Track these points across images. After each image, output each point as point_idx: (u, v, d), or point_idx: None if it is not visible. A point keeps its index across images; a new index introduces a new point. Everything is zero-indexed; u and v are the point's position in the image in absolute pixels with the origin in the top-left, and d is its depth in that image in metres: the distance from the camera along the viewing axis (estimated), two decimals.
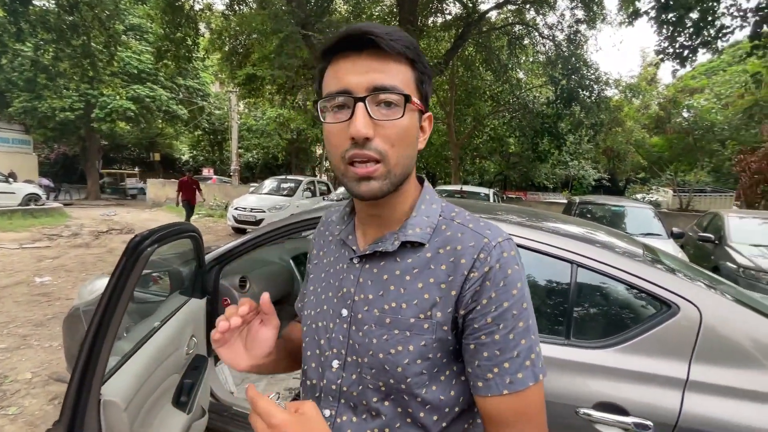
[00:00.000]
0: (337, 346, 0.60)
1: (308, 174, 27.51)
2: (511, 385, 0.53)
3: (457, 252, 0.56)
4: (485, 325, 0.53)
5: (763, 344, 1.19)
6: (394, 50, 0.52)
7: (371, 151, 0.52)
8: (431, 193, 0.64)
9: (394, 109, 0.53)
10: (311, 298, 0.68)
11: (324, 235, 0.73)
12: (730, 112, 12.43)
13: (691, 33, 3.80)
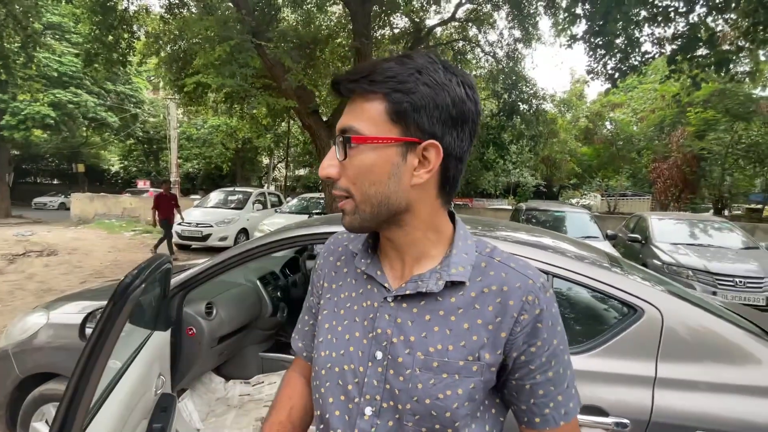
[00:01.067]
0: (371, 391, 0.57)
1: (255, 185, 26.54)
2: (566, 416, 0.57)
3: (504, 293, 0.56)
4: (541, 365, 0.55)
5: (714, 340, 1.34)
6: (356, 90, 0.54)
7: (336, 189, 0.57)
8: (463, 228, 0.63)
9: (355, 148, 0.54)
10: (328, 337, 0.63)
11: (335, 266, 0.69)
12: (645, 125, 14.03)
13: (620, 57, 4.29)
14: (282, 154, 24.11)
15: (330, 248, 0.72)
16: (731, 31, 4.12)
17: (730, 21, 3.81)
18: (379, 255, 0.63)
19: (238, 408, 2.19)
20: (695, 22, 3.72)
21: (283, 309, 2.48)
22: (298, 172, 30.74)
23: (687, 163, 13.00)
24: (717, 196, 14.30)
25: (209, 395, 2.25)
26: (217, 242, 8.20)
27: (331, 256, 0.71)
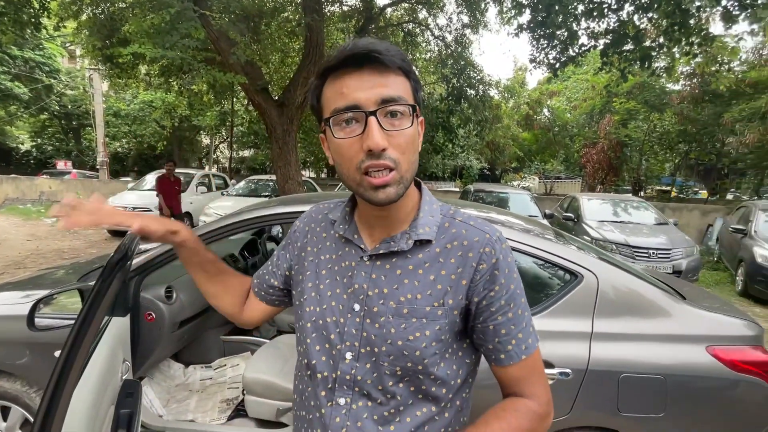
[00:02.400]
0: (350, 339, 0.64)
1: (194, 166, 24.83)
2: (527, 350, 0.64)
3: (464, 247, 0.64)
4: (500, 307, 0.63)
5: (639, 298, 1.57)
6: (394, 64, 0.57)
7: (386, 161, 0.57)
8: (429, 194, 0.71)
9: (401, 119, 0.58)
10: (312, 295, 0.70)
11: (316, 233, 0.75)
12: (577, 113, 15.17)
13: (560, 48, 4.60)
14: (224, 134, 22.76)
15: (311, 216, 0.79)
16: (653, 29, 4.61)
17: (653, 20, 4.27)
18: (356, 221, 0.70)
19: (200, 392, 2.16)
20: (624, 19, 4.11)
21: None
22: (242, 153, 29.24)
23: (612, 148, 14.37)
24: (635, 179, 16.01)
25: (168, 382, 2.19)
26: None
27: (312, 223, 0.78)
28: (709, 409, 1.49)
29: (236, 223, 1.75)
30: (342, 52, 0.58)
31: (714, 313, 1.63)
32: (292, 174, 6.17)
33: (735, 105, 10.91)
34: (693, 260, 5.59)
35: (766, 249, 5.44)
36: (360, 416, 0.63)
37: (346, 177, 0.61)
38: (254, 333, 2.49)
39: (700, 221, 9.16)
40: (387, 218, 0.66)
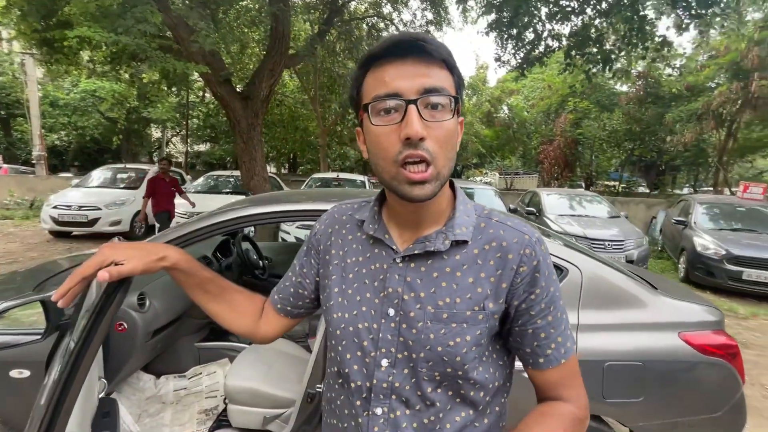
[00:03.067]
0: (386, 345, 0.61)
1: (144, 161, 23.24)
2: (566, 354, 0.63)
3: (504, 248, 0.61)
4: (540, 311, 0.61)
5: (618, 290, 1.65)
6: (439, 56, 0.56)
7: (423, 151, 0.54)
8: (462, 193, 0.68)
9: (442, 111, 0.56)
10: (339, 300, 0.66)
11: (341, 234, 0.71)
12: (535, 111, 15.84)
13: (527, 49, 4.77)
14: (177, 127, 21.51)
15: (334, 217, 0.75)
16: (613, 33, 4.90)
17: (613, 24, 4.53)
18: (385, 221, 0.67)
19: (175, 404, 2.04)
20: (587, 23, 4.33)
21: None
22: (198, 148, 27.82)
23: (567, 146, 15.18)
24: (587, 175, 17.02)
25: (138, 395, 2.04)
26: (107, 227, 7.12)
27: (336, 224, 0.73)
28: (680, 390, 1.60)
29: (210, 226, 1.65)
30: (386, 40, 0.56)
31: (683, 302, 1.75)
32: (257, 170, 5.95)
33: (675, 107, 11.87)
34: (643, 250, 6.04)
35: (705, 239, 5.98)
36: (399, 425, 0.61)
37: (380, 169, 0.58)
38: (232, 338, 2.37)
39: (646, 214, 9.90)
40: (419, 217, 0.63)
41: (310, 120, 14.14)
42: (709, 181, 16.40)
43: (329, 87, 12.90)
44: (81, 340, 0.77)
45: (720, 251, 5.66)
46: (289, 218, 1.79)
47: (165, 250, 0.72)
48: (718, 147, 12.45)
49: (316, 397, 1.51)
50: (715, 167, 13.13)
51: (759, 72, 9.07)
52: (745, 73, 9.57)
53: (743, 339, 4.07)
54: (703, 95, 11.17)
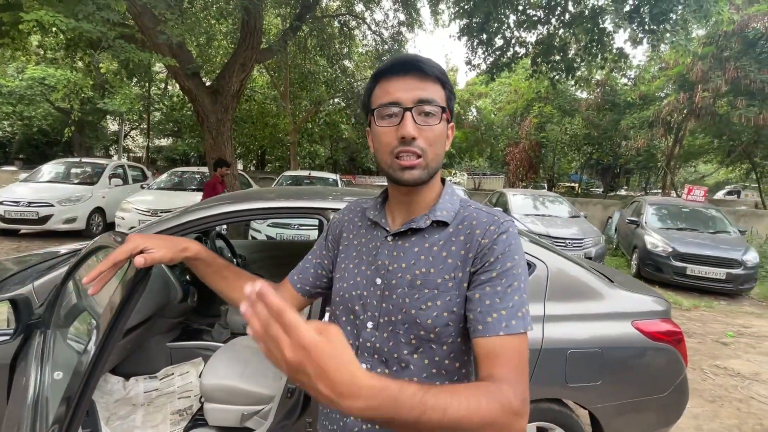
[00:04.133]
0: (372, 309, 0.72)
1: (99, 155, 21.90)
2: (506, 328, 0.61)
3: (473, 226, 0.71)
4: (490, 279, 0.65)
5: (580, 283, 1.79)
6: (433, 74, 0.70)
7: (415, 148, 0.68)
8: (452, 188, 0.80)
9: (433, 117, 0.69)
10: (343, 274, 0.79)
11: (353, 222, 0.85)
12: (502, 114, 16.38)
13: (497, 54, 4.96)
14: (137, 120, 20.46)
15: (350, 208, 0.89)
16: (576, 44, 5.19)
17: (576, 35, 4.81)
18: (386, 209, 0.80)
19: (146, 405, 1.99)
20: (552, 32, 4.57)
21: (193, 293, 2.28)
22: (159, 143, 26.57)
23: (532, 148, 15.83)
24: (550, 176, 17.80)
25: (106, 398, 1.97)
26: (61, 225, 6.69)
27: (350, 214, 0.87)
28: (633, 374, 1.76)
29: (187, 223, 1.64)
30: (393, 59, 0.71)
31: (635, 293, 1.92)
32: None
33: (629, 114, 12.68)
34: (600, 248, 6.43)
35: (654, 237, 6.46)
36: None
37: (381, 160, 0.72)
38: (205, 337, 2.33)
39: (602, 214, 10.52)
40: (411, 203, 0.75)
41: (280, 117, 13.89)
42: (658, 183, 17.64)
43: (300, 83, 12.74)
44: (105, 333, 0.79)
45: (667, 248, 6.14)
46: (267, 215, 1.80)
47: (186, 242, 0.81)
48: (666, 152, 13.43)
49: (296, 392, 1.53)
50: (664, 171, 14.14)
51: (702, 84, 9.87)
52: (690, 85, 10.39)
53: (686, 329, 4.45)
54: (654, 104, 12.01)
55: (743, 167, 15.55)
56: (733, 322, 4.86)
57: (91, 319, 1.15)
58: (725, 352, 3.93)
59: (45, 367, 1.09)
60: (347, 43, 11.40)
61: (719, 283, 5.87)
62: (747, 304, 5.80)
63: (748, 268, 5.83)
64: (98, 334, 0.87)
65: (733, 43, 9.39)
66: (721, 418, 2.76)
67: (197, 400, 1.97)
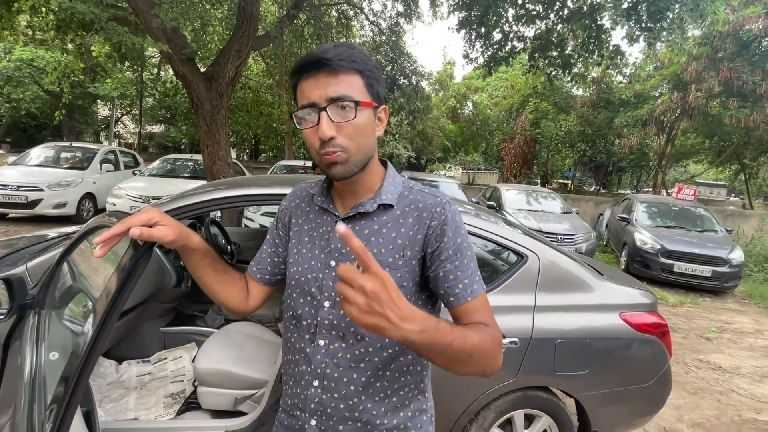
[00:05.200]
0: (328, 290, 0.76)
1: (89, 140, 21.49)
2: (472, 293, 0.74)
3: (420, 208, 0.76)
4: (448, 257, 0.74)
5: (570, 275, 1.82)
6: (342, 67, 0.69)
7: (335, 147, 0.70)
8: (393, 171, 0.84)
9: (349, 111, 0.70)
10: (296, 258, 0.82)
11: (301, 207, 0.87)
12: (498, 109, 16.39)
13: (495, 48, 4.95)
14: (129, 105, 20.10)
15: (296, 194, 0.91)
16: (573, 40, 5.20)
17: (573, 31, 4.82)
18: (333, 195, 0.83)
19: (138, 389, 1.99)
20: (550, 27, 4.57)
21: (187, 279, 2.28)
22: (151, 129, 26.16)
23: (527, 144, 15.88)
24: (543, 172, 17.92)
25: (98, 381, 1.98)
26: (51, 210, 6.60)
27: (297, 200, 0.89)
28: (619, 364, 1.81)
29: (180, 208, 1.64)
30: (303, 59, 0.71)
31: (623, 286, 1.96)
32: (221, 155, 5.73)
33: (623, 113, 12.77)
34: (590, 244, 6.52)
35: (644, 234, 6.56)
36: (336, 354, 0.75)
37: (314, 158, 0.75)
38: (198, 323, 2.34)
39: (594, 211, 10.64)
40: (354, 190, 0.79)
41: (275, 106, 13.74)
42: (649, 182, 17.86)
43: None
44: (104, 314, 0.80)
45: (656, 246, 6.24)
46: (265, 202, 1.80)
47: (192, 233, 0.81)
48: (658, 151, 13.57)
49: None
50: (655, 170, 14.31)
51: (696, 84, 9.97)
52: (684, 85, 10.49)
53: (672, 324, 4.56)
54: (648, 103, 12.11)
55: (732, 168, 15.79)
56: (716, 319, 4.99)
57: (87, 301, 1.15)
58: (708, 346, 4.04)
59: (41, 348, 1.10)
60: (344, 32, 11.28)
61: (705, 281, 6.00)
62: (731, 301, 5.94)
63: (734, 266, 5.96)
64: (95, 316, 0.87)
65: (727, 45, 9.48)
66: (702, 409, 2.85)
67: (190, 385, 1.98)
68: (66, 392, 0.76)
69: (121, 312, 0.85)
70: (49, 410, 0.85)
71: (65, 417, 0.75)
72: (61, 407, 0.75)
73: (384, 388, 0.77)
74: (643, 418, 1.96)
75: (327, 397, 0.76)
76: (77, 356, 0.80)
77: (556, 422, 1.83)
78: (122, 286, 0.81)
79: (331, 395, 0.76)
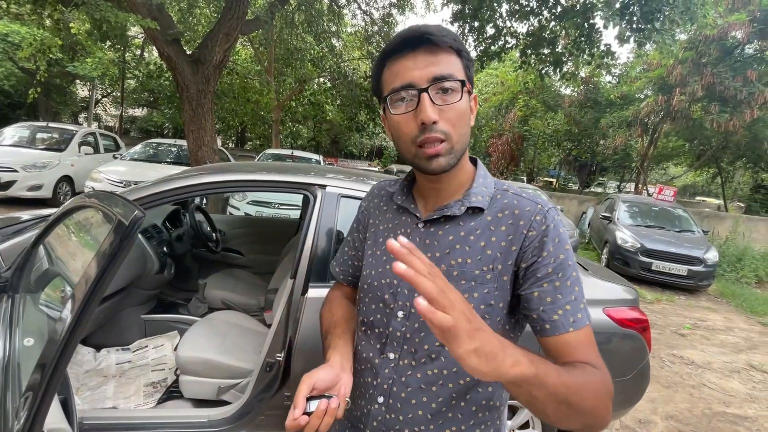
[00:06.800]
0: (403, 299, 0.68)
1: (66, 121, 20.67)
2: (575, 323, 0.61)
3: (516, 215, 0.65)
4: (547, 275, 0.62)
5: None
6: (445, 44, 0.61)
7: (438, 133, 0.61)
8: (484, 169, 0.74)
9: (452, 94, 0.62)
10: (370, 260, 0.76)
11: (379, 207, 0.80)
12: (487, 105, 16.46)
13: (488, 43, 4.94)
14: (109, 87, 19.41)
15: (374, 192, 0.84)
16: (565, 38, 5.23)
17: (566, 28, 4.84)
18: (413, 194, 0.75)
19: (117, 377, 1.95)
20: (543, 24, 4.59)
21: (170, 266, 2.22)
22: (133, 112, 25.35)
23: (515, 141, 16.03)
24: (530, 170, 18.14)
25: (75, 368, 1.92)
26: (25, 192, 6.35)
27: (375, 199, 0.82)
28: (603, 358, 1.85)
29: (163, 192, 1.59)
30: (398, 36, 0.62)
31: (607, 282, 2.00)
32: (206, 140, 5.60)
33: (609, 113, 12.99)
34: (574, 241, 6.65)
35: (625, 233, 6.72)
36: (405, 372, 0.67)
37: (403, 150, 0.66)
38: (181, 311, 2.28)
39: (577, 209, 10.84)
40: (441, 189, 0.70)
41: (263, 93, 13.48)
42: (632, 182, 18.28)
43: (285, 60, 12.35)
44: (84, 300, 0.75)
45: (636, 244, 6.41)
46: (252, 188, 1.76)
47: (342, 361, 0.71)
48: (641, 152, 13.88)
49: (275, 366, 1.54)
50: (637, 170, 14.65)
51: (680, 87, 10.20)
52: (669, 88, 10.71)
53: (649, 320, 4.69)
54: (633, 104, 12.34)
55: (710, 171, 16.29)
56: (690, 316, 5.16)
57: (65, 286, 1.10)
58: (682, 342, 4.18)
59: (15, 333, 1.05)
60: (336, 21, 11.10)
61: (681, 279, 6.19)
62: (704, 299, 6.16)
63: (708, 266, 6.17)
64: (74, 301, 0.83)
65: (711, 50, 9.70)
66: (675, 402, 2.96)
67: (172, 373, 1.94)
68: (43, 379, 0.73)
69: (100, 300, 0.81)
70: (24, 397, 0.82)
71: (42, 405, 0.71)
72: (38, 395, 0.71)
73: (457, 421, 0.67)
74: (621, 411, 2.01)
75: (391, 418, 0.68)
76: (55, 342, 0.76)
77: None
78: (104, 271, 0.77)
79: (396, 416, 0.68)
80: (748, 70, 9.47)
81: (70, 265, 1.08)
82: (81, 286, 0.81)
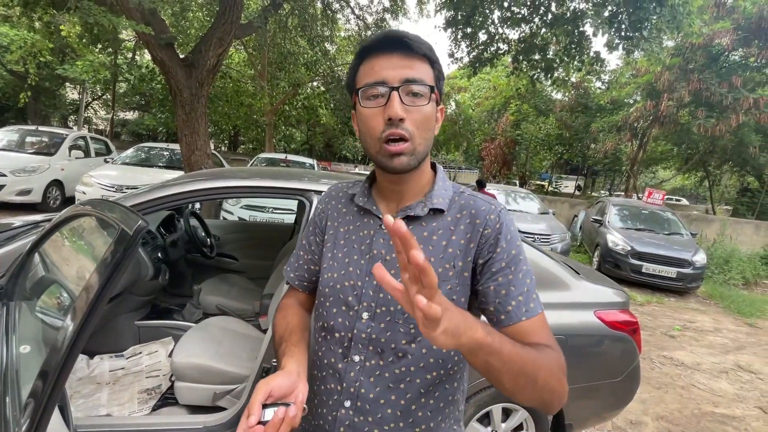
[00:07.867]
0: (368, 300, 0.69)
1: (55, 124, 20.42)
2: (527, 312, 0.65)
3: (473, 215, 0.70)
4: (501, 269, 0.66)
5: (549, 274, 1.88)
6: (420, 51, 0.66)
7: (402, 131, 0.64)
8: (443, 173, 0.78)
9: (421, 98, 0.66)
10: (330, 263, 0.75)
11: (337, 209, 0.80)
12: (480, 109, 16.62)
13: (481, 49, 5.03)
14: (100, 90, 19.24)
15: (331, 194, 0.84)
16: (555, 44, 5.34)
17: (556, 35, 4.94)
18: (374, 195, 0.77)
19: (111, 384, 1.93)
20: (535, 31, 4.68)
21: (165, 272, 2.21)
22: (124, 116, 25.14)
23: (507, 145, 16.21)
24: (522, 174, 18.31)
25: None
26: (14, 197, 6.26)
27: (332, 201, 0.82)
28: (593, 359, 1.88)
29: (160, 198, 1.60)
30: (378, 36, 0.67)
31: (598, 285, 2.04)
32: (199, 144, 5.58)
33: (599, 118, 13.19)
34: (565, 244, 6.72)
35: (616, 236, 6.82)
36: (372, 373, 0.68)
37: (368, 145, 0.68)
38: (176, 317, 2.28)
39: (569, 212, 10.97)
40: (403, 191, 0.72)
41: (256, 97, 13.46)
42: (622, 186, 18.54)
43: (279, 64, 12.37)
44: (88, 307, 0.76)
45: (626, 247, 6.50)
46: (246, 194, 1.77)
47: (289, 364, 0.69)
48: (631, 157, 14.11)
49: (271, 371, 1.54)
50: (627, 174, 14.87)
51: (668, 93, 10.40)
52: (657, 94, 10.92)
53: (639, 322, 4.76)
54: (623, 110, 12.56)
55: (698, 175, 16.59)
56: (680, 317, 5.25)
57: (62, 293, 1.11)
58: (672, 344, 4.25)
59: (11, 340, 1.05)
60: (329, 25, 11.15)
61: (670, 281, 6.29)
62: (693, 301, 6.26)
63: (697, 268, 6.28)
64: (76, 310, 0.83)
65: (698, 57, 9.93)
66: (665, 402, 3.01)
67: (167, 380, 1.93)
68: (46, 388, 0.73)
69: (105, 306, 0.82)
70: (25, 405, 0.82)
71: (45, 413, 0.72)
72: (41, 403, 0.72)
73: (426, 418, 0.69)
74: (612, 412, 2.05)
75: (360, 420, 0.68)
76: (57, 351, 0.76)
77: (532, 416, 1.89)
78: (107, 280, 0.77)
79: (365, 418, 0.68)
80: (734, 76, 9.70)
81: (69, 274, 1.08)
82: (83, 295, 0.81)
